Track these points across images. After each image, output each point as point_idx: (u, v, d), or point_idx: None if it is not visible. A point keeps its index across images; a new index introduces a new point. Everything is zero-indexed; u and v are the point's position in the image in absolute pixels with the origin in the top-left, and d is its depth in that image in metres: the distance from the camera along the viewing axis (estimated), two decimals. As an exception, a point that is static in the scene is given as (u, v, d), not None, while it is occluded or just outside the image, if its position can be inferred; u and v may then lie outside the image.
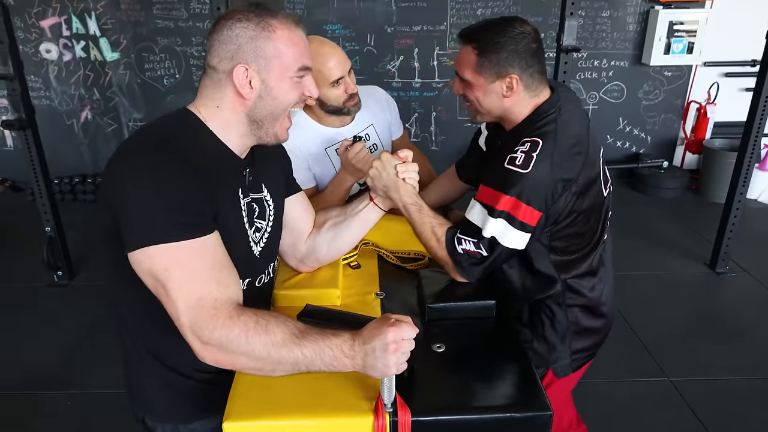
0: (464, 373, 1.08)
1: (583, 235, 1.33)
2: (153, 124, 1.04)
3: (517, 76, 1.23)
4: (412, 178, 1.30)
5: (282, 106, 1.02)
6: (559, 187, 1.21)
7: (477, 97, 1.30)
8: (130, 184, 0.90)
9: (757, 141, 2.99)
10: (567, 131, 1.24)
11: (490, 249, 1.23)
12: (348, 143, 1.57)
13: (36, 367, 2.55)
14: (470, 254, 1.24)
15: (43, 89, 4.33)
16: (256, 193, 1.12)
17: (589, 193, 1.27)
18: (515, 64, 1.23)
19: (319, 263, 1.34)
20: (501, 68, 1.23)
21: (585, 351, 1.44)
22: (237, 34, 0.97)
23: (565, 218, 1.26)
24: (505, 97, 1.26)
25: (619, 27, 4.24)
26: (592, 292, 1.39)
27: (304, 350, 0.89)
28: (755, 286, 3.14)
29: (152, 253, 0.89)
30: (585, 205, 1.27)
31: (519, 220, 1.20)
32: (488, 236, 1.22)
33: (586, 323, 1.40)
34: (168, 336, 0.95)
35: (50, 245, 3.09)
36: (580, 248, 1.34)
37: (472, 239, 1.23)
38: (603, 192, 1.35)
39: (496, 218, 1.20)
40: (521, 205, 1.19)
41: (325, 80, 1.56)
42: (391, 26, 4.20)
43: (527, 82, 1.25)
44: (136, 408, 1.17)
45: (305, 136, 1.67)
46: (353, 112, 1.68)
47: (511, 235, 1.22)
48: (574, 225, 1.28)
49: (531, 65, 1.24)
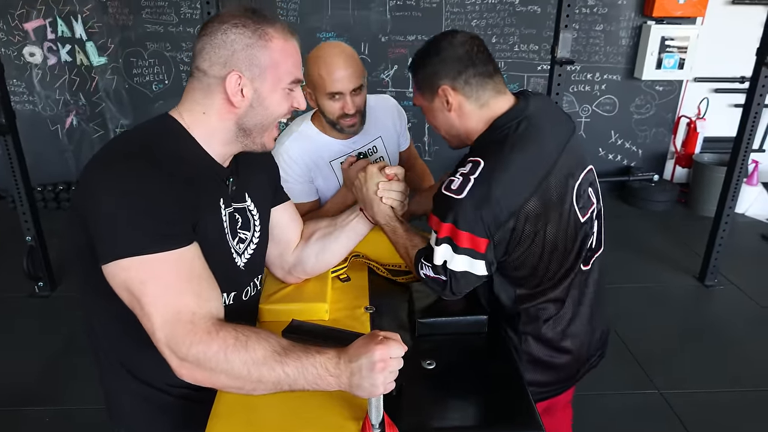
0: (455, 391, 1.06)
1: (546, 267, 1.19)
2: (132, 131, 1.01)
3: (448, 86, 1.16)
4: (393, 198, 1.26)
5: (272, 117, 1.00)
6: (502, 214, 1.09)
7: (432, 121, 1.25)
8: (104, 193, 0.86)
9: (746, 156, 3.02)
10: (519, 149, 1.12)
11: (446, 274, 1.16)
12: (352, 160, 1.53)
13: (15, 380, 2.47)
14: (432, 278, 1.19)
15: (27, 93, 4.26)
16: (240, 202, 1.09)
17: (550, 219, 1.14)
18: (442, 75, 1.16)
19: (306, 275, 1.31)
20: (431, 83, 1.18)
21: (543, 386, 1.30)
22: (232, 40, 0.94)
23: (516, 248, 1.14)
24: (451, 112, 1.19)
25: (612, 41, 4.27)
26: (554, 324, 1.25)
27: (286, 368, 0.85)
28: (743, 300, 3.15)
29: (127, 266, 0.85)
30: (543, 233, 1.14)
31: (462, 247, 1.11)
32: (439, 263, 1.15)
33: (541, 355, 1.26)
34: (143, 350, 0.90)
35: (31, 255, 3.02)
36: (544, 281, 1.21)
37: (429, 264, 1.17)
38: (578, 218, 1.20)
39: (440, 245, 1.13)
40: (459, 233, 1.09)
41: (323, 89, 1.50)
42: (386, 35, 4.19)
43: (464, 91, 1.16)
44: (114, 424, 1.13)
45: (310, 146, 1.63)
46: (347, 132, 1.59)
47: (458, 260, 1.13)
48: (531, 255, 1.16)
49: (462, 71, 1.15)
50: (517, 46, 4.26)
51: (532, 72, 4.33)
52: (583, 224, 1.22)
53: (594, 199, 1.27)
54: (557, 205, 1.15)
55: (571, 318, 1.28)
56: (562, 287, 1.24)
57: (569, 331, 1.28)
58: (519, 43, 4.25)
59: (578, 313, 1.29)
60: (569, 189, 1.17)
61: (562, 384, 1.34)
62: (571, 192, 1.18)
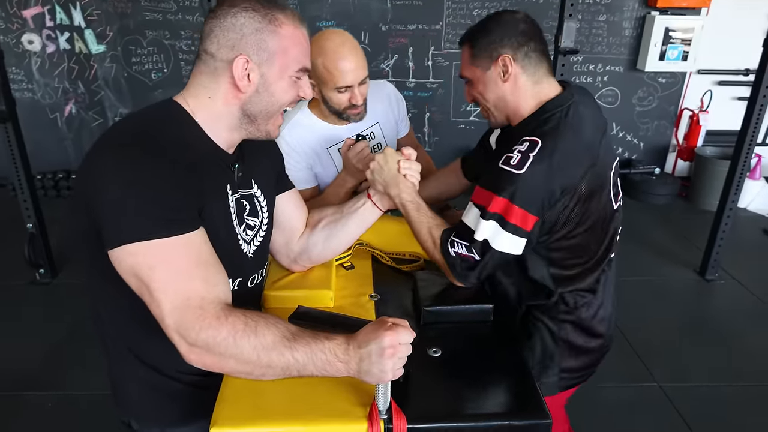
0: (461, 379, 1.05)
1: (584, 249, 1.23)
2: (135, 115, 0.99)
3: (509, 55, 1.18)
4: (414, 176, 1.27)
5: (278, 104, 0.99)
6: (557, 193, 1.12)
7: (480, 92, 1.25)
8: (109, 178, 0.85)
9: (750, 150, 3.01)
10: (572, 133, 1.16)
11: (482, 253, 1.16)
12: (351, 142, 1.52)
13: (17, 366, 2.48)
14: (463, 258, 1.19)
15: (25, 81, 4.23)
16: (246, 189, 1.08)
17: (593, 203, 1.18)
18: (506, 44, 1.18)
19: (312, 263, 1.31)
20: (492, 51, 1.19)
21: (575, 371, 1.35)
22: (242, 24, 0.93)
23: (562, 228, 1.17)
24: (505, 83, 1.20)
25: (615, 32, 4.25)
26: (588, 309, 1.30)
27: (295, 354, 0.85)
28: (744, 294, 3.16)
29: (134, 251, 0.84)
30: (587, 216, 1.18)
31: (511, 223, 1.12)
32: (480, 239, 1.15)
33: (578, 341, 1.31)
34: (151, 337, 0.90)
35: (32, 242, 3.01)
36: (581, 263, 1.25)
37: (464, 242, 1.18)
38: (612, 205, 1.25)
39: (488, 220, 1.14)
40: (513, 208, 1.11)
41: (332, 82, 1.47)
42: (386, 24, 4.17)
43: (523, 63, 1.19)
44: (121, 411, 1.12)
45: (307, 134, 1.61)
46: (353, 120, 1.58)
47: (503, 238, 1.14)
48: (573, 237, 1.19)
49: (523, 44, 1.18)
50: (520, 37, 4.23)
51: (534, 63, 4.31)
52: (615, 211, 1.28)
53: (619, 189, 1.32)
54: (600, 190, 1.19)
55: (601, 303, 1.32)
56: (598, 272, 1.28)
57: (600, 314, 1.32)
58: (522, 34, 4.22)
59: (606, 298, 1.34)
60: (608, 176, 1.22)
61: (590, 369, 1.39)
62: (609, 179, 1.23)
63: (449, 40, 4.22)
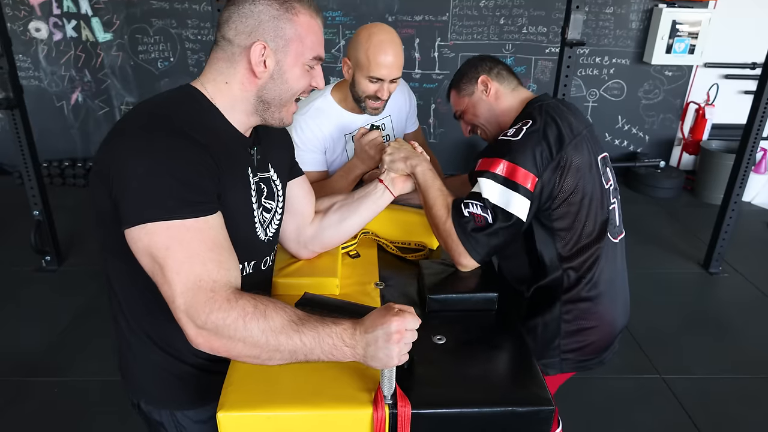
0: (465, 366, 1.06)
1: (584, 221, 1.33)
2: (154, 99, 1.00)
3: (485, 75, 1.44)
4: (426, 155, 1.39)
5: (291, 91, 1.01)
6: (553, 152, 1.26)
7: (472, 114, 1.47)
8: (132, 159, 0.86)
9: (755, 144, 3.00)
10: (556, 114, 1.32)
11: (494, 215, 1.24)
12: (364, 130, 1.58)
13: (24, 351, 2.51)
14: (476, 218, 1.25)
15: (32, 69, 4.24)
16: (264, 172, 1.10)
17: (584, 175, 1.31)
18: (479, 71, 1.45)
19: (323, 247, 1.33)
20: (471, 80, 1.45)
21: (577, 353, 1.40)
22: (260, 10, 0.94)
23: (559, 194, 1.28)
24: (489, 97, 1.44)
25: (622, 24, 4.22)
26: (588, 288, 1.35)
27: (303, 338, 0.86)
28: (747, 287, 3.16)
29: (152, 230, 0.85)
30: (579, 187, 1.30)
31: (515, 182, 1.23)
32: (490, 199, 1.24)
33: (582, 323, 1.37)
34: (164, 318, 0.91)
35: (38, 229, 3.03)
36: (582, 237, 1.33)
37: (478, 203, 1.25)
38: (603, 184, 1.37)
39: (493, 181, 1.25)
40: (515, 167, 1.23)
41: (367, 70, 1.53)
42: (393, 15, 4.15)
43: (498, 78, 1.44)
44: (130, 392, 1.14)
45: (327, 120, 1.66)
46: (369, 113, 1.65)
47: (510, 199, 1.23)
48: (572, 205, 1.30)
49: (492, 67, 1.45)
50: (526, 28, 4.21)
51: (540, 55, 4.29)
52: (607, 190, 1.38)
53: (611, 178, 1.42)
54: (589, 166, 1.33)
55: (603, 289, 1.37)
56: (597, 249, 1.35)
57: (602, 299, 1.38)
58: (527, 25, 4.20)
59: (609, 287, 1.39)
60: (594, 158, 1.36)
61: (594, 357, 1.43)
62: (596, 161, 1.36)
63: (456, 31, 4.20)
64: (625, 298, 1.48)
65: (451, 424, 0.96)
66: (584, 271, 1.35)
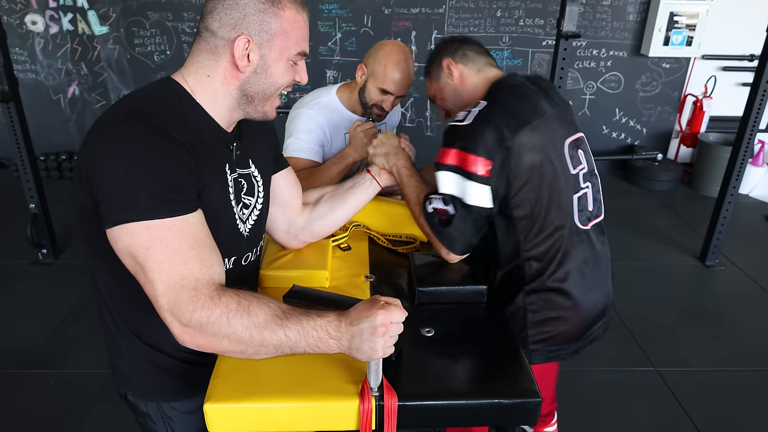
0: (453, 358, 1.07)
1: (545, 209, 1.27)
2: (134, 94, 0.99)
3: (449, 58, 1.41)
4: (411, 151, 1.42)
5: (275, 86, 1.00)
6: (504, 133, 1.21)
7: (441, 98, 1.46)
8: (110, 157, 0.86)
9: (752, 136, 2.99)
10: (514, 91, 1.29)
11: (455, 207, 1.23)
12: (360, 123, 1.71)
13: (20, 344, 2.52)
14: (439, 213, 1.24)
15: (29, 62, 4.23)
16: (244, 168, 1.09)
17: (544, 156, 1.25)
18: (445, 54, 1.42)
19: (314, 237, 1.34)
20: (438, 63, 1.43)
21: (545, 343, 1.35)
22: (245, 3, 0.93)
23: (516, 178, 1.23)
24: (453, 80, 1.41)
25: (619, 16, 4.20)
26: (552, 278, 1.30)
27: (287, 332, 0.86)
28: (743, 280, 3.16)
29: (132, 231, 0.85)
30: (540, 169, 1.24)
31: (467, 171, 1.20)
32: (447, 192, 1.23)
33: (548, 313, 1.32)
34: (148, 314, 0.91)
35: (34, 222, 3.04)
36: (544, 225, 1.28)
37: (439, 197, 1.25)
38: (568, 169, 1.30)
39: (448, 171, 1.23)
40: (466, 155, 1.21)
41: (381, 81, 1.68)
42: (389, 8, 4.13)
43: (462, 60, 1.40)
44: (118, 384, 1.15)
45: (332, 117, 1.78)
46: (370, 119, 1.77)
47: (469, 189, 1.21)
48: (531, 191, 1.25)
49: (458, 48, 1.41)
50: (522, 21, 4.19)
51: (537, 47, 4.27)
52: (573, 176, 1.32)
53: (583, 161, 1.36)
54: (550, 148, 1.27)
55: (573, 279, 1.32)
56: (561, 236, 1.29)
57: (571, 289, 1.33)
58: (524, 17, 4.18)
59: (579, 276, 1.33)
60: (560, 139, 1.31)
61: (565, 347, 1.38)
62: (561, 143, 1.31)
63: (452, 24, 4.18)
64: (602, 285, 1.41)
65: (438, 416, 0.97)
66: (548, 261, 1.30)
